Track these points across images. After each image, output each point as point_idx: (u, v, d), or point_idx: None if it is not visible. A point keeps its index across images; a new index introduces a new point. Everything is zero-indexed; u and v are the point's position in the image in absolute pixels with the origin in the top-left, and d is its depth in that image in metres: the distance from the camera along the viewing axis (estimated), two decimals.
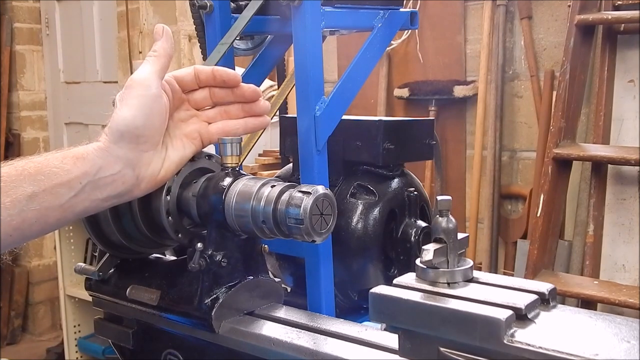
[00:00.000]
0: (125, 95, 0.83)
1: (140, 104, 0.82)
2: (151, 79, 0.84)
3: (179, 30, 3.57)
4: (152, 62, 0.85)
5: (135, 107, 0.82)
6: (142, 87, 0.83)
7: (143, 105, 0.82)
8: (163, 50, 0.87)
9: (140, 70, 0.85)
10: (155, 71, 0.85)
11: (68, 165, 0.79)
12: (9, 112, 4.43)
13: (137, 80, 0.83)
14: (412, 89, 3.01)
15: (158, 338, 0.95)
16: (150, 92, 0.83)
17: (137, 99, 0.82)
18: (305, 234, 0.80)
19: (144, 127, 0.82)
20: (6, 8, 4.34)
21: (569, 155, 2.37)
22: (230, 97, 0.91)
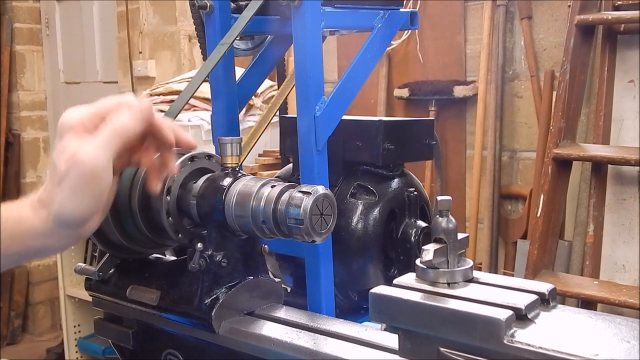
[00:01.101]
0: (73, 181, 0.73)
1: (91, 197, 0.75)
2: (107, 168, 0.74)
3: (179, 31, 3.57)
4: (111, 140, 0.75)
5: (86, 202, 0.74)
6: (95, 180, 0.74)
7: (94, 197, 0.75)
8: (132, 126, 0.77)
9: (94, 152, 0.73)
10: (112, 154, 0.75)
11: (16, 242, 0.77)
12: (9, 112, 4.43)
13: (90, 168, 0.73)
14: (412, 89, 3.00)
15: (158, 338, 0.95)
16: (104, 185, 0.75)
17: (88, 191, 0.74)
18: (305, 234, 0.80)
19: (93, 215, 0.77)
20: (6, 8, 4.34)
21: (569, 155, 2.37)
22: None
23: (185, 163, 0.91)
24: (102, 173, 0.74)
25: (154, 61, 3.67)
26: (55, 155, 0.75)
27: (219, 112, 1.19)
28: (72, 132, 0.76)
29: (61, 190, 0.74)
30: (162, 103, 2.84)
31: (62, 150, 0.75)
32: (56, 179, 0.74)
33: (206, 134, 2.67)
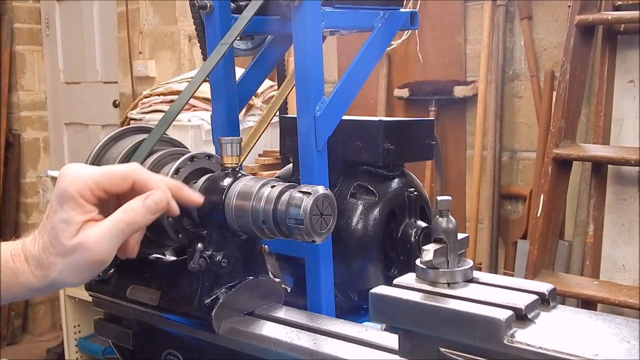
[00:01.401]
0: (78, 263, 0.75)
1: (91, 276, 0.79)
2: (112, 256, 0.77)
3: (179, 31, 3.57)
4: (121, 233, 0.77)
5: (86, 278, 0.79)
6: (100, 266, 0.77)
7: (94, 275, 0.80)
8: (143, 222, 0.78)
9: (103, 243, 0.76)
10: (119, 244, 0.77)
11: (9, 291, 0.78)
12: (9, 113, 4.43)
13: (97, 257, 0.76)
14: (412, 89, 3.00)
15: (158, 338, 0.95)
16: (103, 267, 0.78)
17: (90, 273, 0.78)
18: (305, 234, 0.80)
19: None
20: (6, 8, 4.34)
21: (569, 155, 2.37)
22: None
23: (185, 163, 0.91)
24: (108, 261, 0.77)
25: (154, 61, 3.68)
26: (57, 222, 0.76)
27: (219, 112, 1.19)
28: (75, 204, 0.76)
29: (63, 264, 0.76)
30: (162, 103, 2.84)
31: (66, 223, 0.75)
32: (59, 249, 0.75)
33: (206, 134, 2.67)
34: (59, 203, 0.76)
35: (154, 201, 0.79)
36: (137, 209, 0.78)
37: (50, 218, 0.77)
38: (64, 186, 0.76)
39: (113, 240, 0.76)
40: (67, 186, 0.76)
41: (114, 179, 0.79)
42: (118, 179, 0.79)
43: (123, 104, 3.85)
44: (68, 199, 0.76)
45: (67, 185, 0.76)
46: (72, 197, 0.76)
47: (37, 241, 0.78)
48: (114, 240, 0.77)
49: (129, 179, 0.79)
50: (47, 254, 0.76)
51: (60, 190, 0.77)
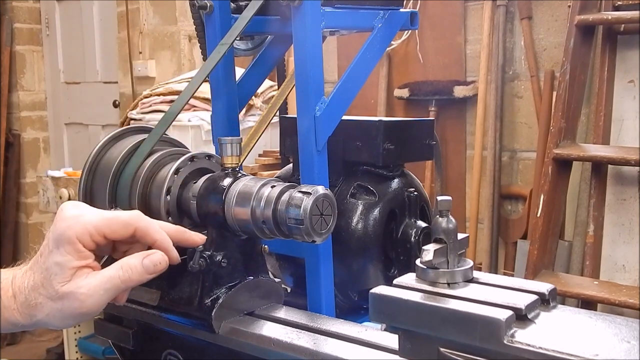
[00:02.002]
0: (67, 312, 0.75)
1: (79, 322, 0.79)
2: (102, 308, 0.77)
3: (179, 31, 3.57)
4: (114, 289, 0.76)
5: (73, 324, 0.78)
6: (88, 317, 0.77)
7: (77, 322, 0.79)
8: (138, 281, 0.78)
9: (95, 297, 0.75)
10: (110, 298, 0.77)
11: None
12: (9, 113, 4.44)
13: (88, 309, 0.75)
14: (412, 89, 3.00)
15: (158, 338, 0.95)
16: (90, 317, 0.78)
17: (78, 320, 0.77)
18: (305, 235, 0.80)
19: None
20: (6, 8, 4.34)
21: (569, 155, 2.37)
22: None
23: (185, 163, 0.91)
24: (96, 313, 0.77)
25: (154, 61, 3.68)
26: (51, 265, 0.74)
27: (219, 112, 1.19)
28: (72, 248, 0.75)
29: (52, 307, 0.75)
30: (162, 103, 2.84)
31: (60, 267, 0.74)
32: (50, 293, 0.74)
33: (206, 134, 2.67)
34: (56, 245, 0.74)
35: (153, 262, 0.78)
36: (135, 267, 0.77)
37: (44, 257, 0.75)
38: (63, 229, 0.75)
39: (105, 295, 0.76)
40: (65, 229, 0.75)
41: (114, 226, 0.77)
42: (119, 227, 0.77)
43: (123, 104, 3.85)
44: (65, 243, 0.74)
45: (66, 229, 0.75)
46: (70, 241, 0.74)
47: (27, 278, 0.76)
48: (107, 295, 0.76)
49: (130, 227, 0.78)
50: (36, 294, 0.75)
51: (58, 232, 0.75)
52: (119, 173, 0.93)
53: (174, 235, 0.82)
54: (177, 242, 0.82)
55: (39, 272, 0.75)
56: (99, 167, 0.96)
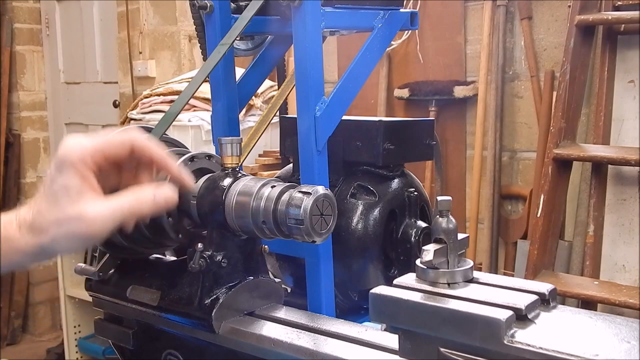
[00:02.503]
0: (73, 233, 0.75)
1: (83, 247, 0.78)
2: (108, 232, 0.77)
3: (179, 31, 3.57)
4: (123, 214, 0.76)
5: (77, 248, 0.78)
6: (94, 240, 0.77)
7: (82, 247, 0.78)
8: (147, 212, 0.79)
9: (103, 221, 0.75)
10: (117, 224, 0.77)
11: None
12: (9, 113, 4.43)
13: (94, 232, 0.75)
14: (412, 90, 3.00)
15: (158, 338, 0.95)
16: (95, 242, 0.78)
17: (83, 244, 0.77)
18: (305, 235, 0.80)
19: None
20: (6, 8, 4.34)
21: (569, 155, 2.37)
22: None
23: (186, 163, 0.91)
24: (101, 238, 0.77)
25: (154, 61, 3.67)
26: (57, 188, 0.75)
27: (219, 112, 1.19)
28: (74, 170, 0.75)
29: (57, 231, 0.75)
30: (162, 103, 2.84)
31: (65, 188, 0.75)
32: (56, 215, 0.75)
33: (206, 134, 2.67)
34: (59, 170, 0.75)
35: (165, 199, 0.79)
36: (146, 200, 0.78)
37: (48, 186, 0.76)
38: (63, 153, 0.76)
39: (112, 222, 0.76)
40: (66, 153, 0.76)
41: (112, 143, 0.78)
42: (117, 144, 0.78)
43: (123, 104, 3.85)
44: (68, 166, 0.75)
45: (66, 153, 0.76)
46: (71, 163, 0.75)
47: (32, 209, 0.77)
48: (114, 222, 0.76)
49: (127, 143, 0.79)
50: (42, 219, 0.75)
51: (59, 157, 0.76)
52: None
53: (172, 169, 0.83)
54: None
55: (44, 199, 0.76)
56: None
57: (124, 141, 0.79)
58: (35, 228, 0.75)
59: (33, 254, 0.77)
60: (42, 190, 0.77)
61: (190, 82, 1.01)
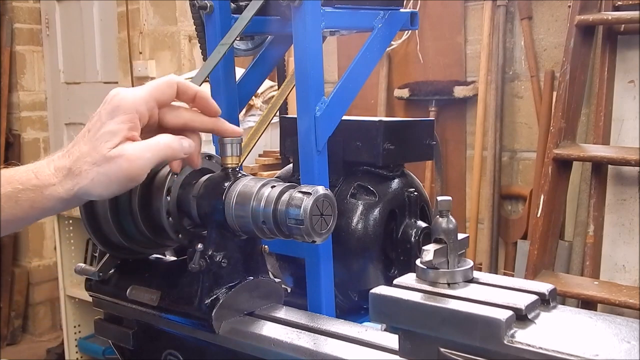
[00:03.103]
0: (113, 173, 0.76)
1: (122, 189, 0.79)
2: (147, 172, 0.79)
3: (179, 31, 3.57)
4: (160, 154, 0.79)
5: (115, 191, 0.79)
6: (133, 181, 0.78)
7: (124, 190, 0.80)
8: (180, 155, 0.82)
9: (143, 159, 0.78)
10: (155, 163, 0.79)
11: (24, 208, 0.78)
12: (9, 113, 4.43)
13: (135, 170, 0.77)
14: (413, 90, 3.00)
15: (158, 338, 0.95)
16: (133, 183, 0.79)
17: (122, 186, 0.78)
18: (305, 235, 0.80)
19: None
20: (6, 8, 4.34)
21: (569, 155, 2.37)
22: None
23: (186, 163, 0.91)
24: (141, 177, 0.79)
25: (154, 61, 3.67)
26: (102, 134, 0.77)
27: None
28: (127, 117, 0.78)
29: (97, 172, 0.77)
30: None
31: (112, 134, 0.77)
32: (97, 158, 0.77)
33: (206, 134, 2.66)
34: (111, 116, 0.78)
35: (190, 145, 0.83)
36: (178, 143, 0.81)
37: (94, 131, 0.78)
38: (118, 101, 0.79)
39: (152, 159, 0.78)
40: (121, 100, 0.79)
41: (161, 87, 0.82)
42: (165, 87, 0.82)
43: None
44: (121, 113, 0.78)
45: (121, 100, 0.79)
46: (126, 110, 0.78)
47: (69, 154, 0.78)
48: (153, 159, 0.78)
49: (173, 83, 0.83)
50: (81, 163, 0.77)
51: (114, 104, 0.79)
52: None
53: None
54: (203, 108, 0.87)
55: (86, 144, 0.78)
56: None
57: (170, 82, 0.83)
58: (74, 172, 0.77)
59: (68, 200, 0.78)
60: (83, 135, 0.79)
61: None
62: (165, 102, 0.83)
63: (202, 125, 0.86)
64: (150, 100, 0.80)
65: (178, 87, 0.83)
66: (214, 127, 0.87)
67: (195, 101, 0.86)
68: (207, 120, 0.86)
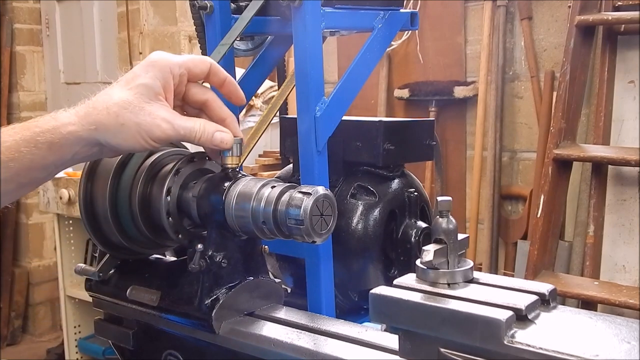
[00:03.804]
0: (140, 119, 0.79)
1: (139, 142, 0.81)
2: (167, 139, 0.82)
3: (179, 31, 3.57)
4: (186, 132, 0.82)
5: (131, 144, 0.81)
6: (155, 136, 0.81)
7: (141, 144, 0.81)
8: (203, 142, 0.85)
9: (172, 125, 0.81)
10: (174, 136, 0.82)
11: (42, 151, 0.79)
12: (9, 113, 4.43)
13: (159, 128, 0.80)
14: (413, 90, 3.00)
15: (158, 339, 0.95)
16: (155, 144, 0.82)
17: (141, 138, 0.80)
18: (305, 235, 0.80)
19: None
20: (6, 9, 4.34)
21: (569, 156, 2.37)
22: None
23: (186, 164, 0.91)
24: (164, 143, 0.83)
25: None
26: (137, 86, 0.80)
27: None
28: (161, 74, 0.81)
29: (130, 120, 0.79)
30: None
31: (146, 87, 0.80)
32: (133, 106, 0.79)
33: None
34: (146, 70, 0.81)
35: (222, 139, 0.85)
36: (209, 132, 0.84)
37: (129, 82, 0.81)
38: (155, 58, 0.82)
39: (178, 133, 0.81)
40: (158, 58, 0.82)
41: (196, 61, 0.85)
42: (199, 61, 0.85)
43: None
44: (157, 69, 0.81)
45: (158, 58, 0.82)
46: (161, 67, 0.81)
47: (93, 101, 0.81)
48: (178, 134, 0.81)
49: (207, 62, 0.86)
50: (109, 104, 0.79)
51: (151, 60, 0.82)
52: (119, 174, 0.93)
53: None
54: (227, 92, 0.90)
55: (122, 93, 0.80)
56: (100, 167, 0.96)
57: (205, 61, 0.86)
58: (97, 108, 0.79)
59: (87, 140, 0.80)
60: (111, 87, 0.81)
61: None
62: (196, 76, 0.86)
63: (220, 112, 0.88)
64: (184, 67, 0.83)
65: (211, 67, 0.86)
66: (227, 119, 0.89)
67: (224, 86, 0.88)
68: (225, 111, 0.89)
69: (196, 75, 0.86)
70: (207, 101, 0.88)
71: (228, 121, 0.88)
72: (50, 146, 0.78)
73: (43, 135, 0.78)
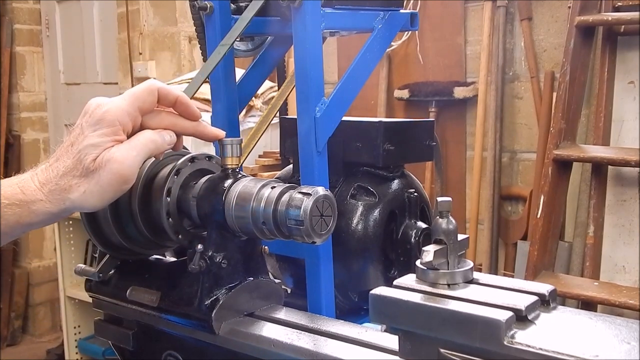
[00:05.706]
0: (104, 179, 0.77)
1: (115, 195, 0.79)
2: (136, 172, 0.80)
3: (179, 32, 3.57)
4: (146, 151, 0.80)
5: (109, 199, 0.79)
6: (125, 183, 0.79)
7: (117, 195, 0.80)
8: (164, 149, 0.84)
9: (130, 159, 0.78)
10: (142, 161, 0.81)
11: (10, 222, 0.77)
12: (9, 114, 4.43)
13: (124, 171, 0.78)
14: (412, 90, 3.00)
15: (158, 339, 0.95)
16: (126, 185, 0.80)
17: (114, 191, 0.79)
18: (305, 235, 0.80)
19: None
20: (6, 9, 4.34)
21: (569, 156, 2.37)
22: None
23: (186, 164, 0.91)
24: (132, 178, 0.79)
25: (154, 62, 3.67)
26: (85, 147, 0.77)
27: (219, 113, 1.19)
28: (110, 130, 0.78)
29: (88, 184, 0.77)
30: None
31: (94, 147, 0.77)
32: (82, 171, 0.77)
33: None
34: (93, 129, 0.78)
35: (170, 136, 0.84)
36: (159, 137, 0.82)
37: (77, 144, 0.78)
38: (100, 114, 0.79)
39: (139, 156, 0.79)
40: (104, 114, 0.79)
41: (142, 95, 0.82)
42: (146, 94, 0.82)
43: None
44: (105, 126, 0.78)
45: (104, 113, 0.79)
46: (110, 123, 0.78)
47: (54, 169, 0.78)
48: (140, 155, 0.79)
49: (154, 90, 0.83)
50: (69, 178, 0.77)
51: (97, 117, 0.79)
52: None
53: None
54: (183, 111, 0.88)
55: (70, 158, 0.78)
56: None
57: (151, 89, 0.83)
58: (62, 186, 0.77)
59: (57, 214, 0.79)
60: (66, 149, 0.79)
61: (190, 83, 1.01)
62: (147, 110, 0.83)
63: (183, 129, 0.87)
64: (133, 110, 0.80)
65: (159, 92, 0.83)
66: (195, 131, 0.88)
67: (176, 106, 0.86)
68: (189, 125, 0.87)
69: (147, 109, 0.83)
70: (168, 127, 0.86)
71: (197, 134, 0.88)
72: (18, 219, 0.77)
73: (10, 209, 0.77)
